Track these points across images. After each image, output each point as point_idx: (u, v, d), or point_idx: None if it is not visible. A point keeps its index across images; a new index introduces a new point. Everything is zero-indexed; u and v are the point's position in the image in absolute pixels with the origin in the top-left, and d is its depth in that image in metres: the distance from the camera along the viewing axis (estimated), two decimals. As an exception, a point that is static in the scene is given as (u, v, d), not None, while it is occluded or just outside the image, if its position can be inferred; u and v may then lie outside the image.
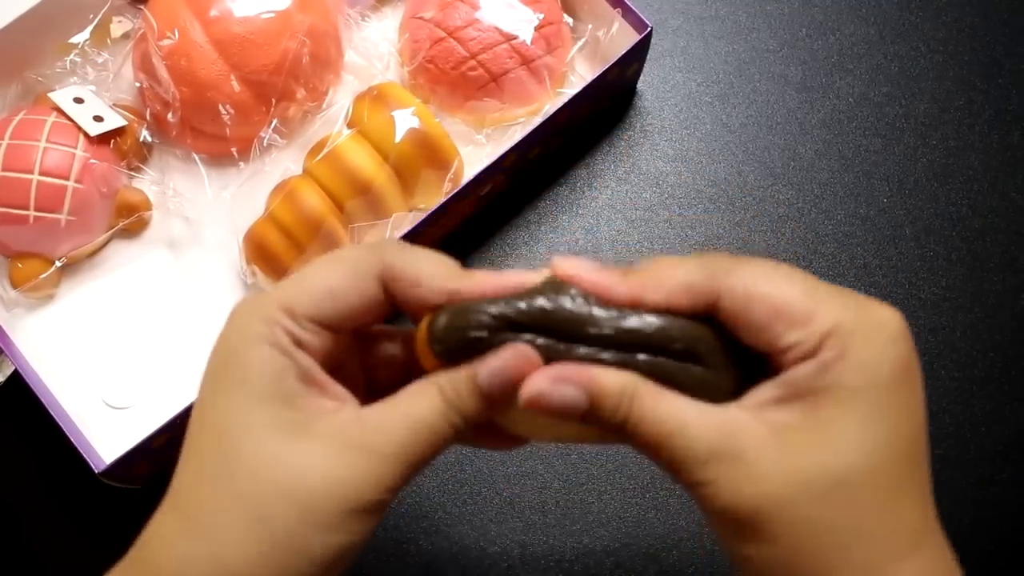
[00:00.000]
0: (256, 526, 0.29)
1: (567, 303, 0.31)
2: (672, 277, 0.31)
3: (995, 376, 0.54)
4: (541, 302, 0.31)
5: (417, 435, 0.30)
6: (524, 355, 0.30)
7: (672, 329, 0.31)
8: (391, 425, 0.30)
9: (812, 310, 0.29)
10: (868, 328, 0.30)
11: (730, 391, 0.31)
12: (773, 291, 0.30)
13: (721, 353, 0.31)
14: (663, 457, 0.30)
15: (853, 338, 0.29)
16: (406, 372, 0.35)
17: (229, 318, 0.32)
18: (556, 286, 0.31)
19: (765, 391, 0.30)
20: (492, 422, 0.33)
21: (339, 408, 0.31)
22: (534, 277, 0.32)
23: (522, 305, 0.30)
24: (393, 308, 0.32)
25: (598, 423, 0.31)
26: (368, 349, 0.35)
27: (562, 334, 0.31)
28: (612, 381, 0.30)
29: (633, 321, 0.31)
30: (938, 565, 0.30)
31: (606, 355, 0.30)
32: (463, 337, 0.30)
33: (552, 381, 0.30)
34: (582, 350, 0.30)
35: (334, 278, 0.31)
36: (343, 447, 0.30)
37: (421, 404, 0.30)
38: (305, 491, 0.29)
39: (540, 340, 0.30)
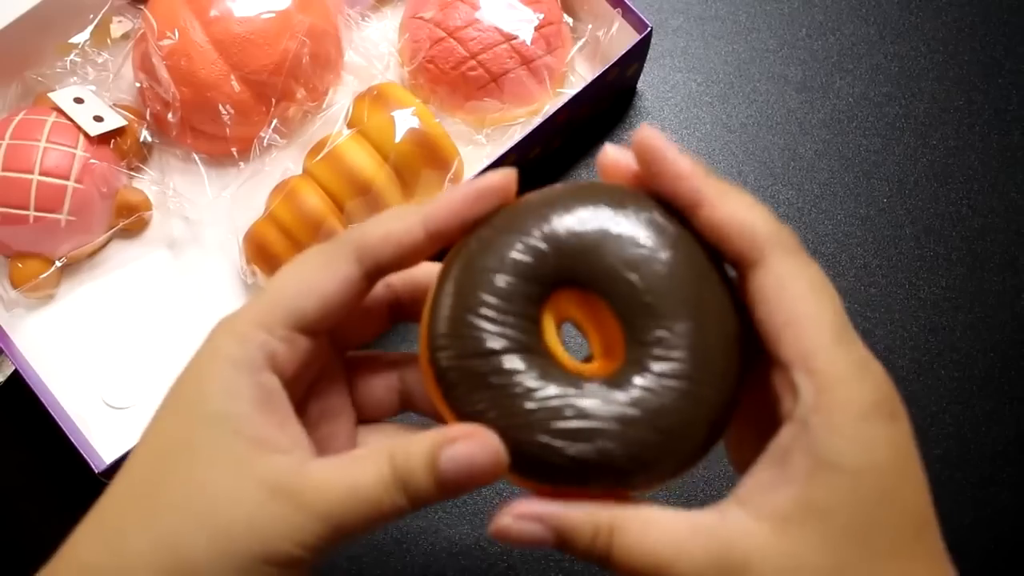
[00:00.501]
0: (167, 553, 0.27)
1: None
2: (743, 218, 0.28)
3: (995, 376, 0.54)
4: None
5: (354, 505, 0.27)
6: (493, 450, 0.27)
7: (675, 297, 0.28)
8: (329, 487, 0.27)
9: (825, 351, 0.27)
10: (864, 400, 0.26)
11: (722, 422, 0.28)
12: (808, 310, 0.27)
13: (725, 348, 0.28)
14: None
15: (848, 407, 0.26)
16: (400, 400, 0.34)
17: (207, 336, 0.30)
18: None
19: (760, 473, 0.28)
20: None
21: (288, 451, 0.28)
22: (495, 179, 0.29)
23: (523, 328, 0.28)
24: (369, 291, 0.30)
25: (576, 557, 0.28)
26: (356, 377, 0.33)
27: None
28: (580, 521, 0.28)
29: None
30: None
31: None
32: (465, 371, 0.28)
33: (514, 518, 0.28)
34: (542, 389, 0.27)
35: (305, 272, 0.30)
36: (273, 494, 0.27)
37: (368, 474, 0.27)
38: (222, 529, 0.27)
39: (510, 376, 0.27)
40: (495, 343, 0.27)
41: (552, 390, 0.27)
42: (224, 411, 0.28)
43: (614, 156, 0.31)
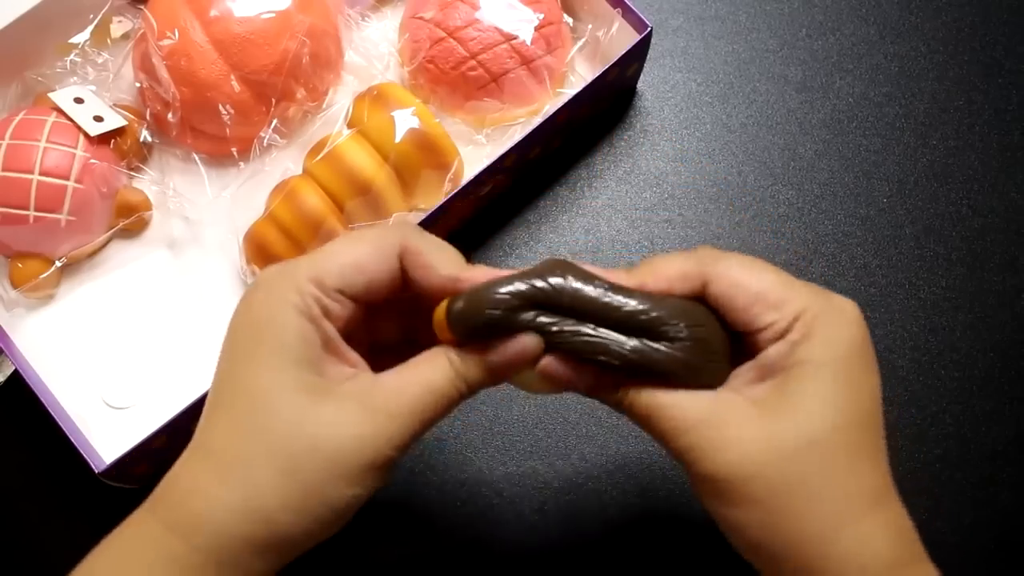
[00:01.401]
0: (287, 476, 0.32)
1: (575, 283, 0.34)
2: (670, 267, 0.36)
3: (995, 376, 0.54)
4: (554, 281, 0.34)
5: (428, 398, 0.34)
6: (529, 344, 0.34)
7: (676, 310, 0.35)
8: (406, 389, 0.34)
9: (785, 297, 0.34)
10: (830, 313, 0.34)
11: (722, 377, 0.36)
12: (752, 279, 0.35)
13: (719, 340, 0.35)
14: (654, 427, 0.35)
15: (817, 320, 0.34)
16: (404, 333, 0.39)
17: (257, 285, 0.35)
18: (559, 265, 0.34)
19: (744, 373, 0.35)
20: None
21: (356, 374, 0.35)
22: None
23: (536, 283, 0.34)
24: (405, 285, 0.36)
25: (599, 397, 0.35)
26: (371, 313, 0.37)
27: (569, 312, 0.34)
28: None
29: (637, 301, 0.34)
30: (897, 520, 0.34)
31: (612, 341, 0.34)
32: (479, 320, 0.34)
33: (566, 364, 0.34)
34: (589, 330, 0.34)
35: (360, 252, 0.35)
36: (365, 408, 0.33)
37: (434, 372, 0.34)
38: (332, 447, 0.32)
39: (549, 319, 0.34)
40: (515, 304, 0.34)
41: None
42: (302, 356, 0.33)
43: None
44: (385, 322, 0.39)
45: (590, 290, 0.34)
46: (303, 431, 0.32)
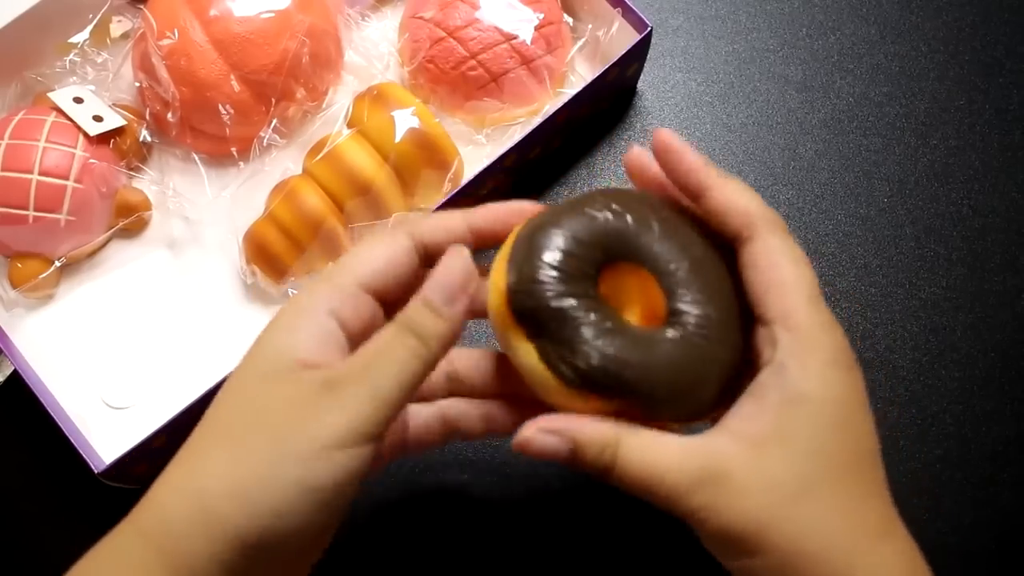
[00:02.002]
0: (234, 466, 0.31)
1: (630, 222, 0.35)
2: (738, 201, 0.35)
3: (995, 376, 0.54)
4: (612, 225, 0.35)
5: (386, 362, 0.32)
6: (463, 267, 0.34)
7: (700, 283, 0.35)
8: (370, 357, 0.33)
9: (802, 310, 0.33)
10: (830, 350, 0.33)
11: (709, 398, 0.35)
12: (789, 277, 0.34)
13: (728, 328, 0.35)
14: (654, 498, 0.33)
15: (817, 353, 0.33)
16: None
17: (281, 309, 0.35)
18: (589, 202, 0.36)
19: (741, 407, 0.34)
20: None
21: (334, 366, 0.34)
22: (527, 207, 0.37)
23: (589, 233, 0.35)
24: (420, 267, 0.36)
25: (583, 468, 0.34)
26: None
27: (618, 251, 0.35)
28: (592, 436, 0.33)
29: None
30: (907, 549, 0.34)
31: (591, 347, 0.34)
32: (540, 306, 0.34)
33: (537, 431, 0.34)
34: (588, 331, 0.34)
35: (372, 243, 0.36)
36: (326, 385, 0.32)
37: (386, 337, 0.33)
38: (284, 430, 0.31)
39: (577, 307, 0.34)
40: (560, 288, 0.34)
41: (604, 323, 0.34)
42: (286, 344, 0.33)
43: (638, 154, 0.38)
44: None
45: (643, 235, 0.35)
46: (256, 411, 0.32)
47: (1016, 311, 0.56)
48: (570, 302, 0.34)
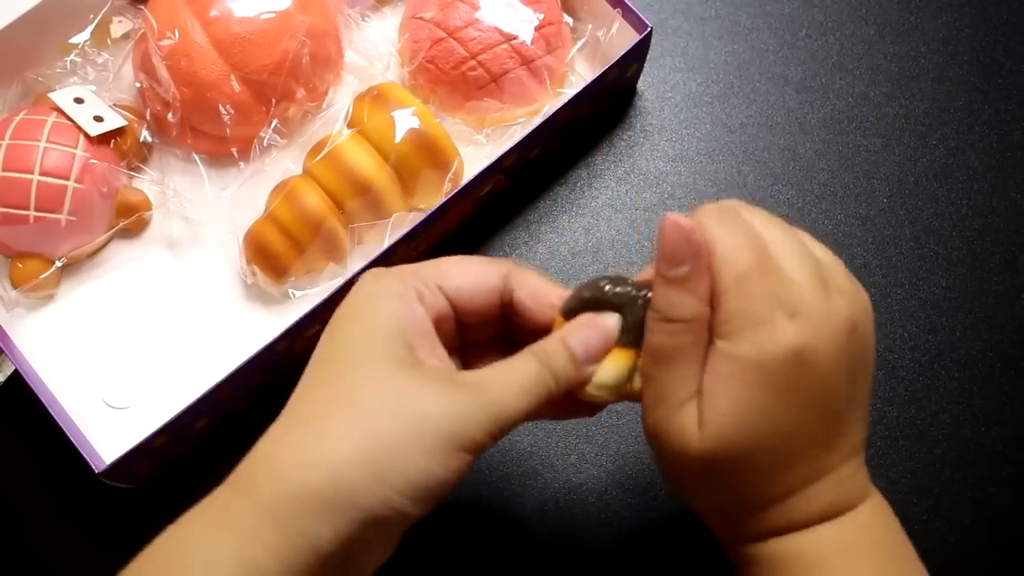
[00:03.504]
0: (360, 431, 0.32)
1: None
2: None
3: (995, 376, 0.54)
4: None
5: (524, 398, 0.34)
6: (603, 326, 0.36)
7: None
8: (503, 380, 0.34)
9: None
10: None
11: None
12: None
13: None
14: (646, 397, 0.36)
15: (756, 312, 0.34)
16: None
17: (362, 279, 0.37)
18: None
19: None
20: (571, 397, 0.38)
21: (444, 362, 0.36)
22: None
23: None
24: (500, 303, 0.38)
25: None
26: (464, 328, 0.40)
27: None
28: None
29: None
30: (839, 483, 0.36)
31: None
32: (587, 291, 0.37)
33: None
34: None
35: (468, 260, 0.38)
36: (451, 385, 0.34)
37: (527, 368, 0.35)
38: (414, 413, 0.32)
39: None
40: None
41: None
42: (396, 332, 0.34)
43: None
44: (477, 336, 0.40)
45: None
46: (387, 394, 0.33)
47: (1016, 311, 0.56)
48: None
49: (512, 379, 0.35)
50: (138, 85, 0.55)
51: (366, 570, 0.34)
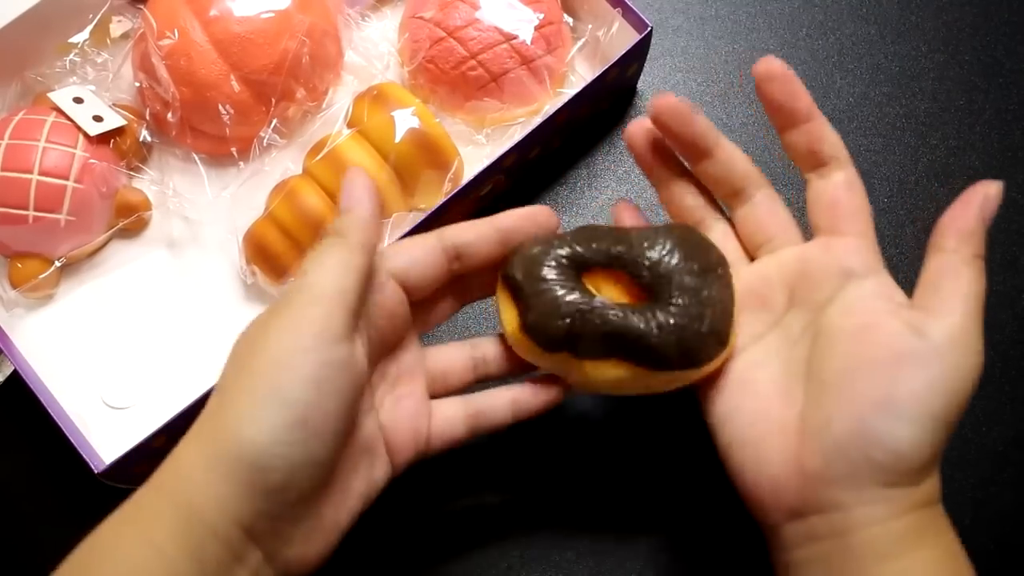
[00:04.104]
0: (248, 386, 0.34)
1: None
2: (742, 163, 0.44)
3: (995, 376, 0.54)
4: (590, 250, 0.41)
5: (327, 267, 0.37)
6: (364, 182, 0.41)
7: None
8: (314, 271, 0.37)
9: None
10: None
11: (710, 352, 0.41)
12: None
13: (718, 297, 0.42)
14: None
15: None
16: (473, 368, 0.44)
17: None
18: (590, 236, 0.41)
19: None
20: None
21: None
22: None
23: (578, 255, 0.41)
24: (447, 269, 0.41)
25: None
26: (433, 355, 0.44)
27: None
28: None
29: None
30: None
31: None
32: (559, 332, 0.39)
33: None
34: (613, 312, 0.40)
35: (405, 240, 0.41)
36: (307, 303, 0.36)
37: (324, 246, 0.38)
38: (279, 344, 0.34)
39: (583, 303, 0.40)
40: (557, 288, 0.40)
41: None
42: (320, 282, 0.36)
43: (640, 124, 0.43)
44: (448, 351, 0.43)
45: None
46: (268, 338, 0.35)
47: (1016, 311, 0.56)
48: (553, 277, 0.40)
49: (321, 266, 0.37)
50: (137, 85, 0.55)
51: (306, 554, 0.35)
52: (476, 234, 0.41)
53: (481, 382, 0.44)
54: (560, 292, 0.40)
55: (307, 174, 0.53)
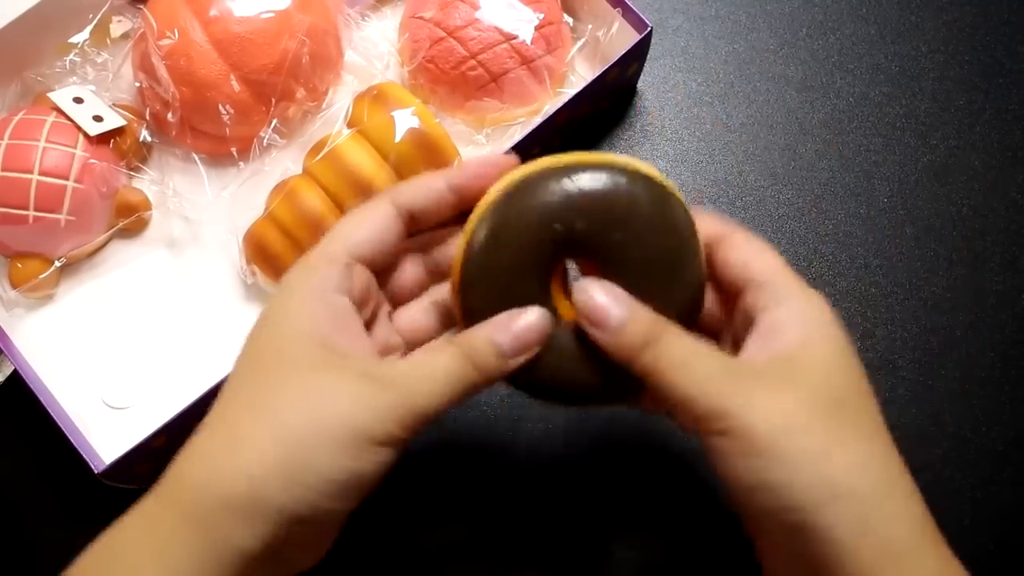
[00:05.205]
0: (279, 442, 0.32)
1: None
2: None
3: (995, 376, 0.54)
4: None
5: (437, 378, 0.34)
6: (540, 327, 0.36)
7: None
8: (418, 369, 0.34)
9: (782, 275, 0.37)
10: (820, 302, 0.36)
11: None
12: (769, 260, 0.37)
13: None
14: (683, 405, 0.34)
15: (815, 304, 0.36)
16: (421, 289, 0.41)
17: (283, 279, 0.37)
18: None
19: (751, 347, 0.36)
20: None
21: (363, 356, 0.35)
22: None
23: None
24: (405, 232, 0.39)
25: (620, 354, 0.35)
26: (385, 277, 0.40)
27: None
28: (644, 317, 0.35)
29: None
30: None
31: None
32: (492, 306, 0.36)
33: (601, 289, 0.36)
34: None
35: (357, 214, 0.38)
36: (367, 380, 0.33)
37: (448, 358, 0.35)
38: (328, 413, 0.32)
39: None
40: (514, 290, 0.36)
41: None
42: (309, 330, 0.34)
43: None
44: (400, 282, 0.41)
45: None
46: (298, 396, 0.33)
47: (1016, 311, 0.56)
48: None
49: (430, 372, 0.34)
50: (137, 85, 0.55)
51: (304, 562, 0.35)
52: (429, 196, 0.39)
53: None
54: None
55: (307, 174, 0.53)
